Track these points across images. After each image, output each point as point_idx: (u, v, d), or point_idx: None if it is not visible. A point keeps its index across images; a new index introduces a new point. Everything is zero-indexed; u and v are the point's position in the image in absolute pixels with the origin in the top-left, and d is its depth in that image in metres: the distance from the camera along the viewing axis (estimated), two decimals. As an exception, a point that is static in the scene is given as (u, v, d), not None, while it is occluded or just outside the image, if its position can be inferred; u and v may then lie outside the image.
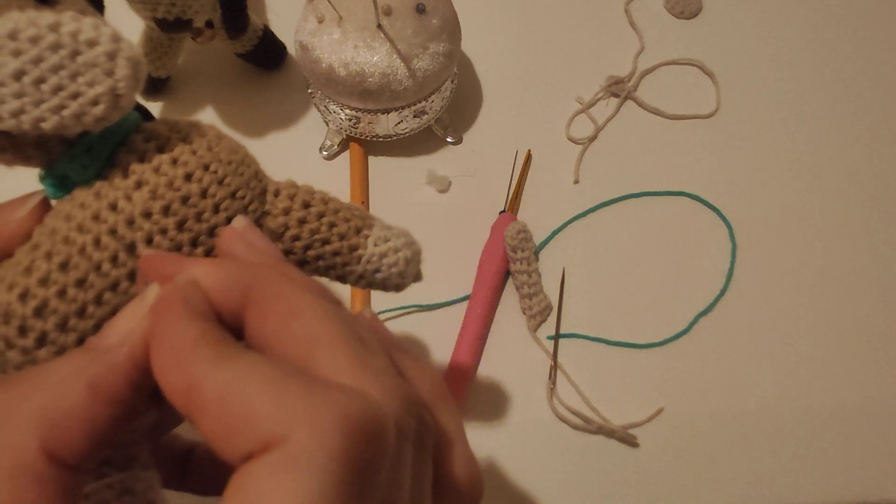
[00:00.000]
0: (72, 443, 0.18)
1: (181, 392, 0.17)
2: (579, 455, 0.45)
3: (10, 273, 0.22)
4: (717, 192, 0.53)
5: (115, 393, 0.18)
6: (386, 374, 0.19)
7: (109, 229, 0.22)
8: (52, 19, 0.20)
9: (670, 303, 0.49)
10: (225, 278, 0.20)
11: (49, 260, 0.21)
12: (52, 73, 0.20)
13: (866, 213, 0.53)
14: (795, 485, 0.45)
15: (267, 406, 0.16)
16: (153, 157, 0.23)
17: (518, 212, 0.52)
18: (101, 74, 0.21)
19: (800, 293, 0.50)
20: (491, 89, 0.57)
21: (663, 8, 0.60)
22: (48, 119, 0.20)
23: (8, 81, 0.20)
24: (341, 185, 0.52)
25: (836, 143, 0.55)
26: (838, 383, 0.47)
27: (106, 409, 0.18)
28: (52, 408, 0.18)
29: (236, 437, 0.16)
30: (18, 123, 0.20)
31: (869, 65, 0.59)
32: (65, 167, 0.22)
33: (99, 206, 0.22)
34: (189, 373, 0.17)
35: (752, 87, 0.57)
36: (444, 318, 0.48)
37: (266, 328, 0.19)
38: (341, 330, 0.19)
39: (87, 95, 0.21)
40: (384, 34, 0.46)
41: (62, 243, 0.22)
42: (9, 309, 0.21)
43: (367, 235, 0.28)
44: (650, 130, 0.56)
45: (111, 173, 0.23)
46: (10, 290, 0.21)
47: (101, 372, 0.18)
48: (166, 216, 0.22)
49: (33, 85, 0.20)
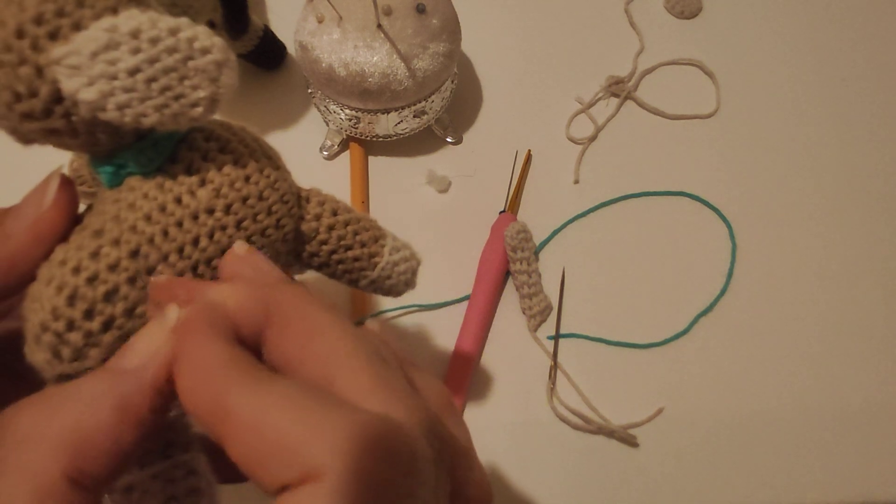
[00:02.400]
0: (96, 465, 0.18)
1: (211, 413, 0.17)
2: (579, 455, 0.45)
3: (72, 256, 0.22)
4: (717, 192, 0.53)
5: (140, 415, 0.18)
6: (408, 395, 0.19)
7: (177, 222, 0.23)
8: (172, 23, 0.21)
9: (670, 303, 0.49)
10: (245, 300, 0.20)
11: (118, 247, 0.22)
12: (163, 74, 0.21)
13: (866, 212, 0.53)
14: (795, 485, 0.45)
15: (305, 436, 0.16)
16: (216, 156, 0.24)
17: (518, 212, 0.52)
18: (206, 80, 0.22)
19: (800, 293, 0.50)
20: (491, 89, 0.57)
21: (663, 8, 0.60)
22: (149, 116, 0.21)
23: (122, 76, 0.20)
24: (341, 185, 0.52)
25: (836, 142, 0.55)
26: (838, 383, 0.47)
27: (131, 431, 0.18)
28: (79, 430, 0.18)
29: (273, 465, 0.16)
30: (121, 116, 0.21)
31: (869, 65, 0.59)
32: (130, 158, 0.23)
33: (164, 198, 0.23)
34: (221, 395, 0.17)
35: (752, 87, 0.57)
36: (444, 318, 0.48)
37: (288, 348, 0.19)
38: (362, 349, 0.19)
39: (189, 98, 0.21)
40: (384, 34, 0.46)
41: (130, 231, 0.22)
42: (76, 292, 0.21)
43: (384, 245, 0.30)
44: (650, 130, 0.56)
45: (173, 168, 0.23)
46: (76, 274, 0.22)
47: (128, 394, 0.18)
48: (227, 214, 0.24)
49: (145, 83, 0.21)
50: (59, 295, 0.21)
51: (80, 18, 0.21)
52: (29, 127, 0.21)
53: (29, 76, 0.20)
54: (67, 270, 0.22)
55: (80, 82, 0.20)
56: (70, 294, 0.21)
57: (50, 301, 0.21)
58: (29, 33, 0.20)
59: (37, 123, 0.21)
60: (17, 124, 0.21)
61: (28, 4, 0.20)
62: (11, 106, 0.21)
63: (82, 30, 0.20)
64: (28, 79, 0.20)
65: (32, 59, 0.20)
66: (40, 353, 0.22)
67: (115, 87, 0.20)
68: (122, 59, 0.20)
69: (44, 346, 0.22)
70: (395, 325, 0.48)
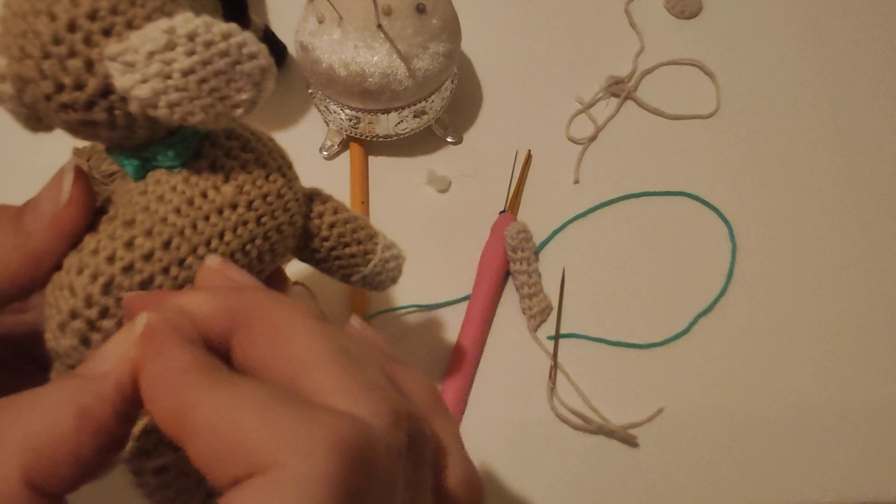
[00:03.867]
0: (57, 472, 0.17)
1: (172, 418, 0.17)
2: (579, 455, 0.45)
3: (105, 245, 0.22)
4: (717, 192, 0.53)
5: (102, 423, 0.18)
6: (376, 390, 0.18)
7: (204, 215, 0.24)
8: (224, 28, 0.22)
9: (670, 303, 0.49)
10: (212, 304, 0.20)
11: (151, 238, 0.23)
12: (213, 76, 0.22)
13: (867, 212, 0.53)
14: (795, 485, 0.45)
15: (258, 432, 0.16)
16: (238, 154, 0.25)
17: (518, 212, 0.52)
18: (250, 84, 0.23)
19: (800, 293, 0.50)
20: (491, 89, 0.57)
21: (663, 8, 0.60)
22: (196, 115, 0.22)
23: (176, 76, 0.21)
24: (341, 185, 0.52)
25: (836, 142, 0.55)
26: (838, 383, 0.47)
27: (92, 440, 0.18)
28: (39, 437, 0.17)
29: (226, 462, 0.16)
30: (170, 114, 0.21)
31: (869, 65, 0.59)
32: (159, 152, 0.24)
33: (192, 192, 0.24)
34: (180, 398, 0.17)
35: (752, 87, 0.57)
36: (444, 318, 0.48)
37: (253, 351, 0.19)
38: (329, 348, 0.19)
39: (233, 100, 0.22)
40: (384, 34, 0.46)
41: (162, 223, 0.23)
42: (112, 280, 0.22)
43: (377, 243, 0.32)
44: (650, 130, 0.56)
45: (197, 164, 0.24)
46: (110, 263, 0.22)
47: (89, 401, 0.18)
48: (249, 210, 0.24)
49: (196, 83, 0.21)
50: (93, 283, 0.22)
51: (132, 17, 0.21)
52: (64, 117, 0.22)
53: (78, 69, 0.21)
54: (102, 259, 0.22)
55: (135, 79, 0.21)
56: (106, 282, 0.22)
57: (84, 289, 0.22)
58: (83, 28, 0.21)
59: (75, 115, 0.21)
60: (50, 113, 0.22)
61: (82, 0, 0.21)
62: (51, 96, 0.21)
63: (135, 28, 0.21)
64: (77, 72, 0.21)
65: (84, 52, 0.21)
66: (66, 339, 0.22)
67: (168, 86, 0.21)
68: (178, 60, 0.21)
69: (71, 333, 0.22)
70: (395, 325, 0.48)
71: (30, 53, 0.21)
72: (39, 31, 0.20)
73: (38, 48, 0.20)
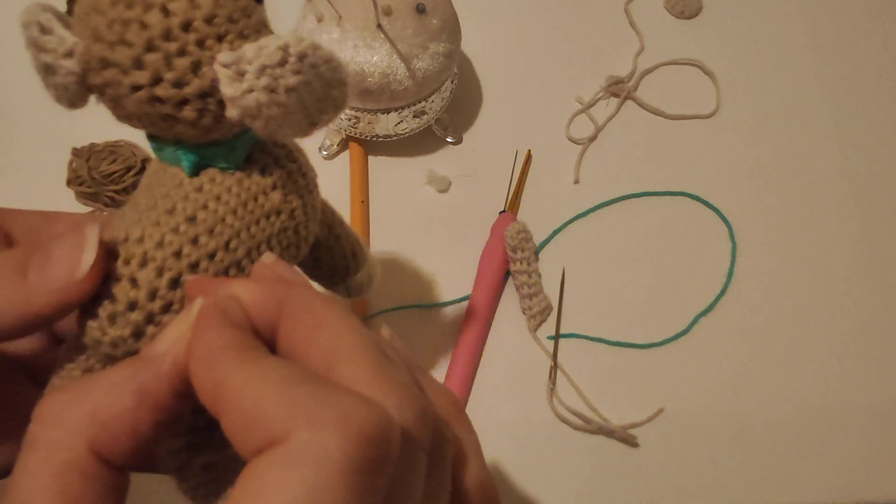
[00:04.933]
0: (118, 444, 0.19)
1: (209, 391, 0.18)
2: (579, 455, 0.45)
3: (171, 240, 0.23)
4: (717, 192, 0.53)
5: (159, 400, 0.19)
6: (405, 387, 0.19)
7: (256, 219, 0.24)
8: (326, 53, 0.22)
9: (670, 303, 0.49)
10: (260, 293, 0.21)
11: (213, 237, 0.23)
12: (309, 97, 0.22)
13: (866, 212, 0.53)
14: (795, 485, 0.45)
15: (275, 405, 0.17)
16: (284, 163, 0.26)
17: (518, 212, 0.52)
18: (332, 108, 0.23)
19: (800, 293, 0.50)
20: (491, 89, 0.57)
21: (663, 8, 0.60)
22: (284, 130, 0.23)
23: (280, 92, 0.21)
24: (341, 185, 0.52)
25: (836, 142, 0.55)
26: (838, 383, 0.47)
27: (150, 415, 0.19)
28: (101, 411, 0.19)
29: (248, 433, 0.17)
30: (264, 126, 0.22)
31: (869, 65, 0.59)
32: (219, 153, 0.24)
33: (246, 196, 0.24)
34: (216, 372, 0.18)
35: (752, 87, 0.57)
36: (444, 318, 0.48)
37: (296, 340, 0.20)
38: (364, 342, 0.20)
39: (314, 118, 0.23)
40: (384, 34, 0.46)
41: (221, 224, 0.23)
42: (179, 276, 0.23)
43: (365, 256, 0.34)
44: (650, 130, 0.56)
45: (249, 167, 0.25)
46: (177, 258, 0.23)
47: (147, 379, 0.19)
48: (290, 218, 0.25)
49: (295, 102, 0.22)
50: (160, 278, 0.22)
51: (244, 27, 0.22)
52: (147, 108, 0.22)
53: (184, 68, 0.21)
54: (169, 254, 0.23)
55: (243, 89, 0.21)
56: (173, 277, 0.22)
57: (150, 283, 0.22)
58: (198, 30, 0.21)
59: (161, 108, 0.22)
60: (127, 100, 0.22)
61: (202, 2, 0.21)
62: (142, 87, 0.21)
63: (245, 39, 0.22)
64: (182, 70, 0.21)
65: (195, 54, 0.21)
66: (116, 330, 0.22)
67: (271, 101, 0.21)
68: (285, 77, 0.21)
69: (124, 324, 0.22)
70: (395, 325, 0.48)
71: (130, 42, 0.21)
72: (149, 23, 0.21)
73: (143, 40, 0.21)
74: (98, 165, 0.47)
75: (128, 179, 0.47)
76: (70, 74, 0.21)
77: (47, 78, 0.22)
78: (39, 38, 0.21)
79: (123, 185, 0.47)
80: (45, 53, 0.21)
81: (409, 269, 0.50)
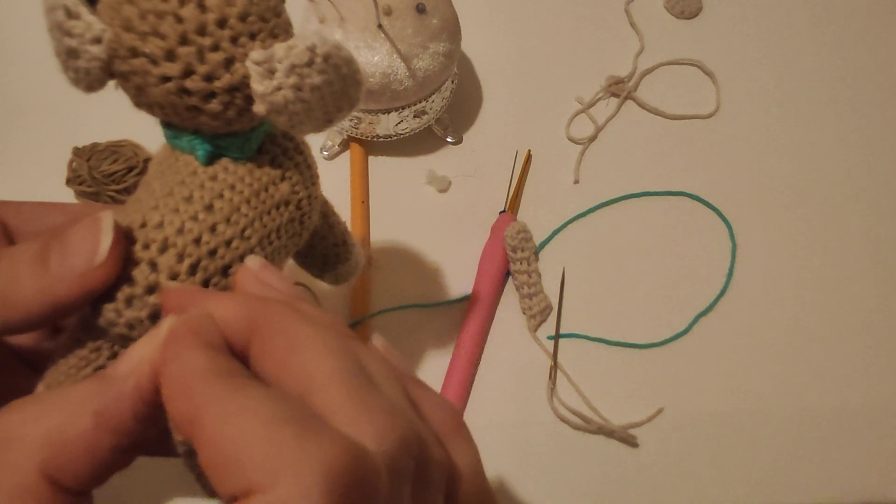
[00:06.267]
0: (74, 469, 0.18)
1: (186, 421, 0.17)
2: (579, 455, 0.45)
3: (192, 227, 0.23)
4: (717, 192, 0.53)
5: (119, 423, 0.18)
6: (383, 413, 0.18)
7: (267, 209, 0.25)
8: (347, 53, 0.23)
9: (670, 303, 0.49)
10: (234, 311, 0.20)
11: (230, 225, 0.24)
12: (330, 96, 0.23)
13: (866, 212, 0.53)
14: (795, 485, 0.45)
15: (257, 451, 0.16)
16: (293, 155, 0.26)
17: (518, 212, 0.52)
18: (348, 106, 0.24)
19: (800, 293, 0.50)
20: (491, 89, 0.57)
21: (663, 8, 0.60)
22: (304, 125, 0.23)
23: (305, 90, 0.22)
24: (342, 185, 0.52)
25: (836, 142, 0.55)
26: (838, 383, 0.47)
27: (109, 439, 0.18)
28: (57, 434, 0.18)
29: (227, 474, 0.16)
30: (287, 121, 0.23)
31: (869, 65, 0.59)
32: (234, 144, 0.25)
33: (258, 186, 0.25)
34: (193, 402, 0.17)
35: (752, 87, 0.57)
36: (444, 318, 0.48)
37: (266, 362, 0.19)
38: (340, 366, 0.18)
39: (331, 115, 0.24)
40: (384, 34, 0.46)
41: (237, 213, 0.24)
42: (199, 262, 0.23)
43: (354, 247, 0.34)
44: (650, 130, 0.56)
45: (260, 158, 0.25)
46: (197, 245, 0.23)
47: (107, 402, 0.18)
48: (297, 209, 0.26)
49: (318, 100, 0.23)
50: (180, 263, 0.23)
51: (274, 27, 0.23)
52: (173, 98, 0.22)
53: (217, 63, 0.22)
54: (189, 241, 0.23)
55: (272, 86, 0.22)
56: (193, 263, 0.23)
57: (171, 268, 0.23)
58: (233, 27, 0.22)
59: (188, 99, 0.22)
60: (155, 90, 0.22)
61: (237, 0, 0.22)
62: (171, 78, 0.22)
63: (275, 38, 0.23)
64: (214, 65, 0.22)
65: (229, 50, 0.22)
66: (132, 312, 0.23)
67: (297, 98, 0.22)
68: (311, 77, 0.22)
69: (141, 306, 0.23)
70: (395, 325, 0.48)
71: (163, 34, 0.21)
72: (184, 17, 0.21)
73: (177, 33, 0.21)
74: (99, 165, 0.47)
75: (129, 179, 0.47)
76: (95, 60, 0.22)
77: (69, 61, 0.22)
78: (65, 22, 0.21)
79: (125, 184, 0.47)
80: (71, 38, 0.22)
81: (409, 269, 0.50)
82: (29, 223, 0.27)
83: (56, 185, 0.49)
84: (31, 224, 0.27)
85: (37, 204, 0.28)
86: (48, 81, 0.55)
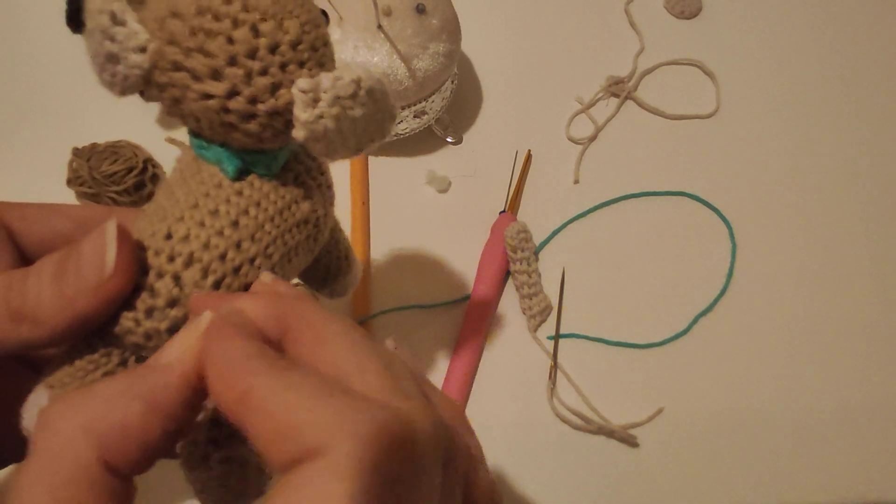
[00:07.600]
0: (127, 453, 0.19)
1: (235, 401, 0.18)
2: (579, 455, 0.45)
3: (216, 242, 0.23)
4: (717, 192, 0.53)
5: (168, 409, 0.19)
6: (416, 397, 0.20)
7: (289, 228, 0.25)
8: (384, 87, 0.23)
9: (670, 303, 0.49)
10: (264, 308, 0.21)
11: (254, 243, 0.24)
12: (368, 126, 0.23)
13: (866, 212, 0.53)
14: (795, 485, 0.45)
15: (312, 416, 0.17)
16: (315, 174, 0.27)
17: (518, 212, 0.52)
18: (380, 137, 0.25)
19: (800, 293, 0.50)
20: (491, 89, 0.57)
21: (663, 8, 0.60)
22: (339, 153, 0.24)
23: (344, 121, 0.23)
24: (341, 185, 0.52)
25: (836, 142, 0.55)
26: (838, 383, 0.47)
27: (160, 424, 0.19)
28: (106, 420, 0.19)
29: (281, 443, 0.17)
30: (325, 149, 0.23)
31: (869, 65, 0.59)
32: (261, 161, 0.25)
33: (282, 204, 0.25)
34: (243, 382, 0.18)
35: (752, 87, 0.57)
36: (444, 318, 0.48)
37: (299, 354, 0.20)
38: (371, 355, 0.20)
39: (362, 144, 0.24)
40: (384, 34, 0.46)
41: (261, 230, 0.24)
42: (223, 279, 0.23)
43: (354, 262, 0.34)
44: (650, 130, 0.56)
45: (284, 175, 0.25)
46: (222, 261, 0.23)
47: (155, 389, 0.19)
48: (315, 228, 0.26)
49: (355, 131, 0.23)
50: (204, 279, 0.23)
51: (321, 56, 0.23)
52: (213, 115, 0.22)
53: (263, 87, 0.22)
54: (215, 257, 0.23)
55: (315, 115, 0.22)
56: (217, 279, 0.23)
57: (194, 283, 0.23)
58: (284, 54, 0.22)
59: (227, 117, 0.22)
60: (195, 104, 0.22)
61: (290, 28, 0.22)
62: (214, 96, 0.22)
63: (321, 68, 0.23)
64: (261, 89, 0.22)
65: (277, 76, 0.22)
66: (150, 323, 0.23)
67: (337, 128, 0.23)
68: (353, 109, 0.22)
69: (161, 318, 0.23)
70: (395, 325, 0.48)
71: (211, 53, 0.21)
72: (237, 39, 0.21)
73: (227, 54, 0.21)
74: (99, 165, 0.47)
75: (129, 180, 0.47)
76: (136, 68, 0.22)
77: (107, 65, 0.22)
78: (110, 27, 0.21)
79: (125, 185, 0.47)
80: (113, 43, 0.21)
81: (409, 269, 0.50)
82: (33, 227, 0.27)
83: (57, 185, 0.49)
84: (36, 228, 0.27)
85: (41, 206, 0.28)
86: (49, 82, 0.55)
